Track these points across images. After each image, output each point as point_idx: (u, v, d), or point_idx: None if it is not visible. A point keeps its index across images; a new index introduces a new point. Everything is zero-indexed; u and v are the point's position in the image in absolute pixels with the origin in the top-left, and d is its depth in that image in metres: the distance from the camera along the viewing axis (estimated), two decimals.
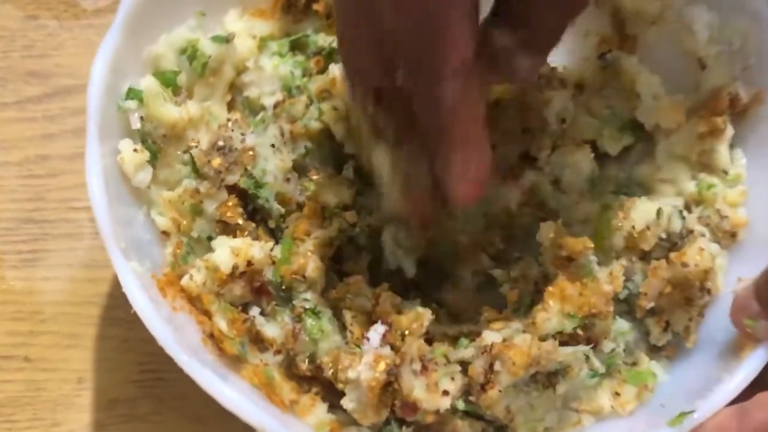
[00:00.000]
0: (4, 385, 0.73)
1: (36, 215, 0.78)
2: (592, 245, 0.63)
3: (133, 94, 0.64)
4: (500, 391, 0.60)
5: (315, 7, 0.72)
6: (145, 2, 0.65)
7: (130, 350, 0.74)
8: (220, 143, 0.65)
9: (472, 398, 0.61)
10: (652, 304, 0.65)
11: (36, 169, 0.79)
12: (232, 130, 0.66)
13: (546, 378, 0.62)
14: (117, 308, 0.75)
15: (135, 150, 0.64)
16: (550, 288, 0.63)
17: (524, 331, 0.62)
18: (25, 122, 0.80)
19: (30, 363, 0.74)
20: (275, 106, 0.69)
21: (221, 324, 0.62)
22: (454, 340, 0.64)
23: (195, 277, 0.64)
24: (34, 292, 0.76)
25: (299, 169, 0.68)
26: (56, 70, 0.82)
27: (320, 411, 0.64)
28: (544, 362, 0.60)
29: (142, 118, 0.65)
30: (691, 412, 0.60)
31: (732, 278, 0.66)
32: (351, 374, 0.60)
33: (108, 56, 0.63)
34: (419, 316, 0.63)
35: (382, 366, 0.60)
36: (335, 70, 0.67)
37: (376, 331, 0.62)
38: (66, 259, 0.77)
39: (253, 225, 0.67)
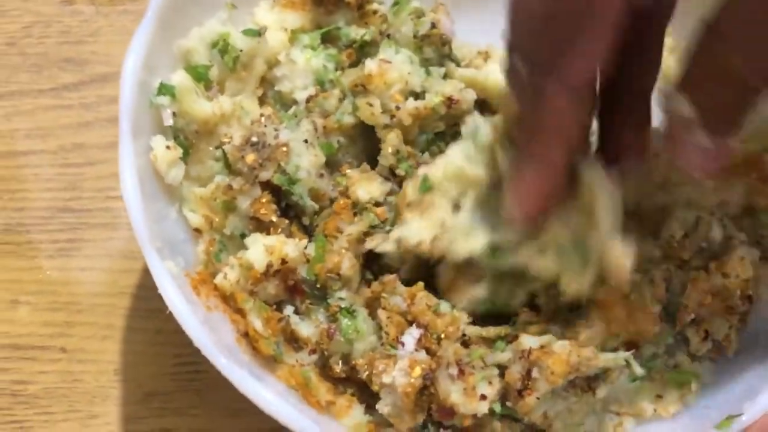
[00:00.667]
0: (40, 376, 0.73)
1: (73, 204, 0.77)
2: None
3: (165, 90, 0.63)
4: (538, 398, 0.58)
5: None
6: None
7: (166, 342, 0.74)
8: (254, 139, 0.64)
9: (509, 403, 0.60)
10: (692, 316, 0.63)
11: (72, 157, 0.78)
12: (265, 126, 0.64)
13: (585, 382, 0.60)
14: (152, 299, 0.73)
15: (167, 147, 0.63)
16: (594, 305, 0.62)
17: (563, 335, 0.61)
18: (60, 110, 0.80)
19: (66, 354, 0.74)
20: (308, 100, 0.67)
21: (256, 323, 0.62)
22: (490, 343, 0.63)
23: (229, 276, 0.63)
24: (70, 282, 0.75)
25: (332, 164, 0.67)
26: (92, 57, 0.81)
27: (357, 413, 0.63)
28: (583, 369, 0.58)
29: (174, 113, 0.63)
30: (740, 415, 0.59)
31: None
32: (386, 379, 0.59)
33: (140, 51, 0.62)
34: (455, 320, 0.62)
35: (417, 371, 0.59)
36: (371, 65, 0.66)
37: (411, 335, 0.61)
38: (103, 250, 0.76)
39: (287, 222, 0.66)
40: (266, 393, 0.58)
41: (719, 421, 0.60)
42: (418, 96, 0.67)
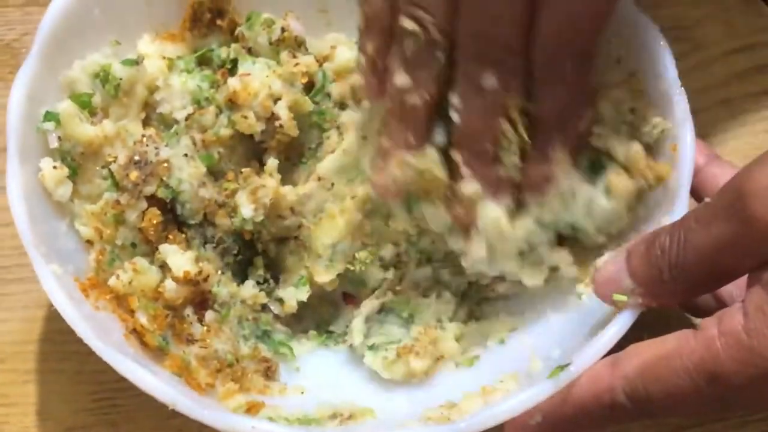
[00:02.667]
0: None
1: None
2: None
3: (50, 116, 0.69)
4: None
5: (219, 22, 0.78)
6: (60, 31, 0.71)
7: (83, 381, 0.78)
8: (136, 157, 0.70)
9: None
10: None
11: None
12: (147, 145, 0.70)
13: None
14: (69, 343, 0.77)
15: (54, 167, 0.69)
16: None
17: None
18: None
19: None
20: (186, 118, 0.73)
21: (142, 318, 0.66)
22: None
23: (122, 277, 0.68)
24: None
25: (216, 173, 0.73)
26: (3, 128, 0.86)
27: (238, 397, 0.67)
28: None
29: (59, 138, 0.70)
30: (568, 365, 0.62)
31: None
32: None
33: (24, 84, 0.68)
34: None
35: None
36: (233, 82, 0.72)
37: None
38: (20, 302, 0.81)
39: (178, 233, 0.72)
40: (147, 375, 0.62)
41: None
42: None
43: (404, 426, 0.65)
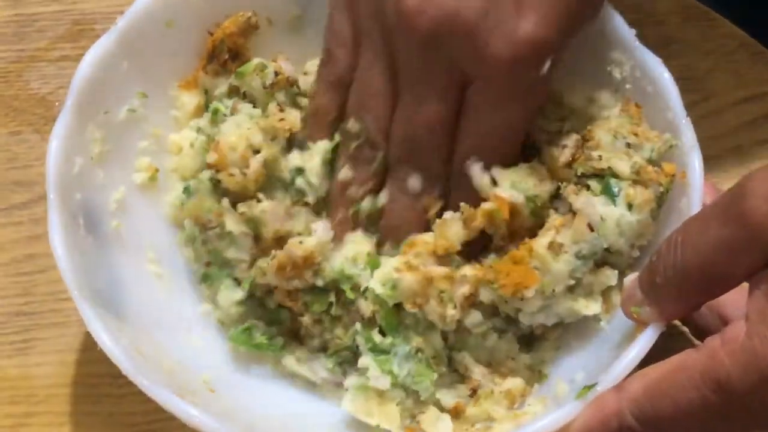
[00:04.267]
0: None
1: (26, 308, 0.85)
2: None
3: None
4: None
5: (231, 66, 0.81)
6: (92, 84, 0.75)
7: (117, 423, 0.80)
8: None
9: None
10: None
11: (24, 267, 0.86)
12: None
13: None
14: (104, 386, 0.81)
15: None
16: None
17: None
18: (12, 226, 0.88)
19: None
20: None
21: None
22: None
23: None
24: (27, 377, 0.82)
25: None
26: (39, 178, 0.89)
27: None
28: None
29: None
30: (594, 385, 0.63)
31: None
32: None
33: (60, 136, 0.73)
34: None
35: None
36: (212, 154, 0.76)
37: None
38: (55, 346, 0.83)
39: None
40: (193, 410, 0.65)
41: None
42: None
43: None
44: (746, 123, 0.93)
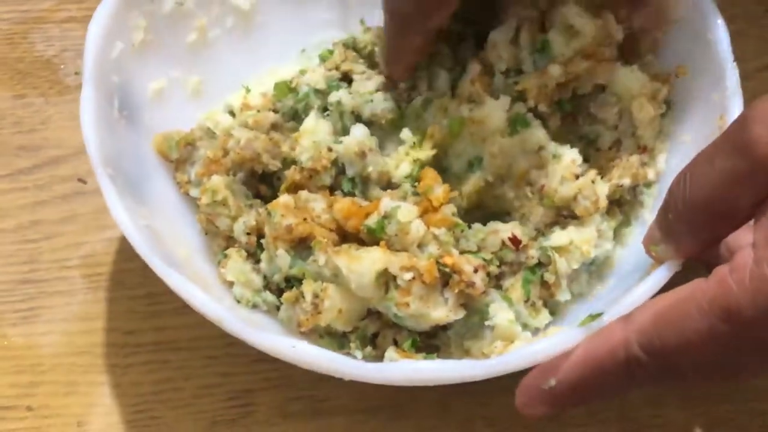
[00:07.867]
0: None
1: (31, 276, 0.83)
2: None
3: None
4: None
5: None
6: None
7: (123, 394, 0.78)
8: None
9: None
10: None
11: (29, 234, 0.85)
12: None
13: None
14: (108, 356, 0.80)
15: None
16: None
17: None
18: (17, 192, 0.87)
19: (32, 411, 0.78)
20: None
21: None
22: None
23: None
24: (33, 346, 0.80)
25: None
26: (44, 142, 0.88)
27: None
28: None
29: None
30: (600, 314, 0.61)
31: None
32: None
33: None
34: None
35: None
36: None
37: None
38: (61, 315, 0.82)
39: None
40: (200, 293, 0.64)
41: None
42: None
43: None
44: None
